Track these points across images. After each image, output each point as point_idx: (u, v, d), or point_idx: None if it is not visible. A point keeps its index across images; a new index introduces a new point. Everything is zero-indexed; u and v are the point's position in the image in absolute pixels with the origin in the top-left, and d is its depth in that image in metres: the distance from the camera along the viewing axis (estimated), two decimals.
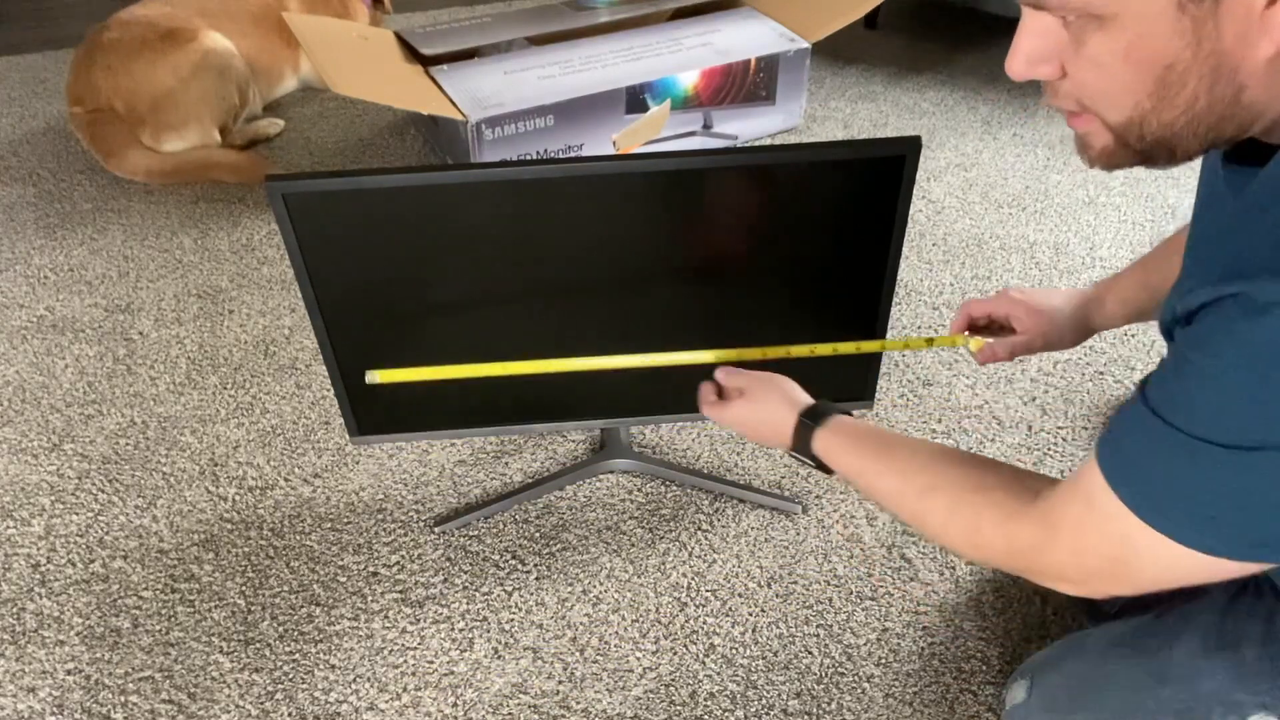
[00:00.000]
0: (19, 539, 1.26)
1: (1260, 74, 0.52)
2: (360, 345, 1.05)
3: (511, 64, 2.02)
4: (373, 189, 0.93)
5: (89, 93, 2.02)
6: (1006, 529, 0.68)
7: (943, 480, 0.74)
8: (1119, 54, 0.54)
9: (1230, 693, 0.76)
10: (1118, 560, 0.61)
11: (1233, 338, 0.51)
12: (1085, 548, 0.63)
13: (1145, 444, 0.57)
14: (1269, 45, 0.51)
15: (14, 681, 1.09)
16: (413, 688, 1.08)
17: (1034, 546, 0.66)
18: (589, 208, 0.97)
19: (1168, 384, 0.56)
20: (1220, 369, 0.52)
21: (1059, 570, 0.66)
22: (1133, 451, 0.58)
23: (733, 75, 2.05)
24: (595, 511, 1.28)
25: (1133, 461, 0.58)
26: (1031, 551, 0.66)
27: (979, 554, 0.71)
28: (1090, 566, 0.63)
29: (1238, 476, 0.53)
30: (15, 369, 1.55)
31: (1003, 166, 2.06)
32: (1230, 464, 0.53)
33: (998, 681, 1.07)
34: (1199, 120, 0.55)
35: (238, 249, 1.85)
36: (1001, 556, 0.69)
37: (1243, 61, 0.52)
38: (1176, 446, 0.55)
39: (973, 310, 1.06)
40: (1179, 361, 0.55)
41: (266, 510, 1.30)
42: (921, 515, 0.75)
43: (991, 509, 0.69)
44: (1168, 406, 0.55)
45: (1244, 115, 0.55)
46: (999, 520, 0.68)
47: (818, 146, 0.95)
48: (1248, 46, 0.51)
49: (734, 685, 1.07)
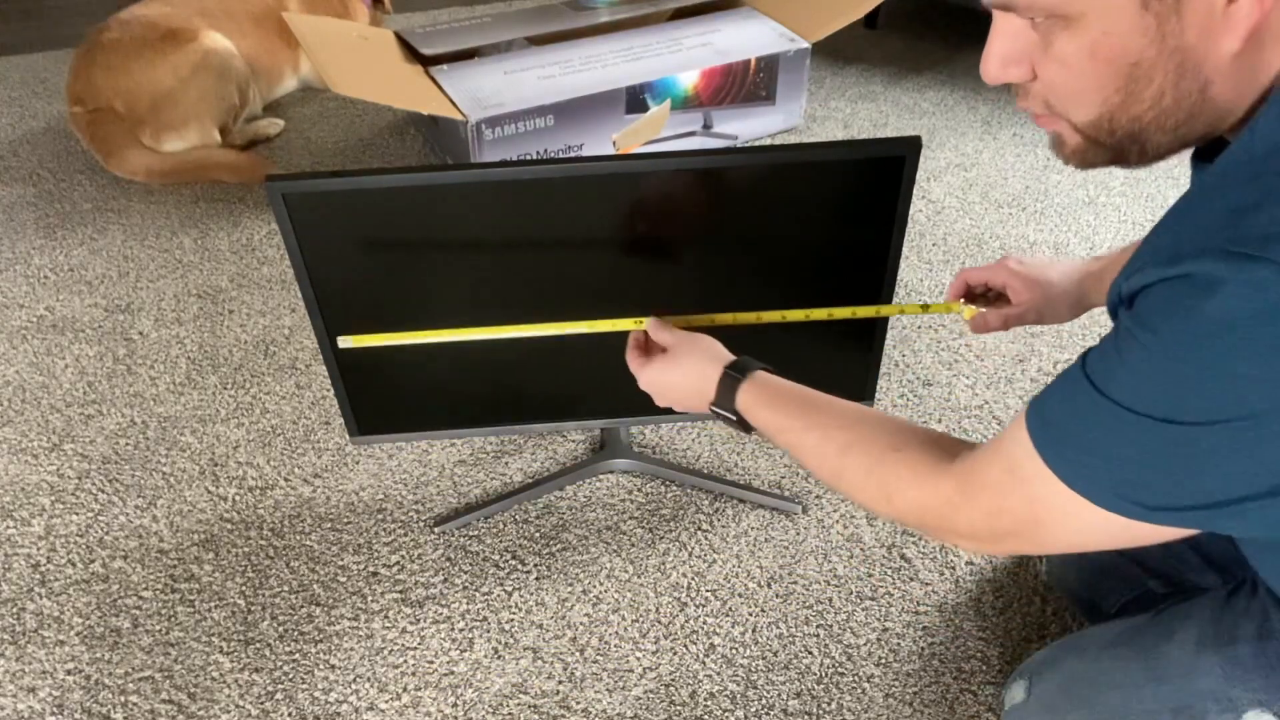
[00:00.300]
0: (19, 539, 1.26)
1: (1225, 69, 0.53)
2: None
3: (511, 64, 2.02)
4: (373, 189, 0.93)
5: (89, 92, 2.02)
6: (922, 487, 0.69)
7: (862, 438, 0.74)
8: (1085, 52, 0.55)
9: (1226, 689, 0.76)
10: (1033, 522, 0.62)
11: (1173, 316, 0.52)
12: (1002, 509, 0.64)
13: (1077, 412, 0.58)
14: (1232, 41, 0.52)
15: (14, 681, 1.09)
16: (413, 688, 1.08)
17: (949, 505, 0.67)
18: (589, 208, 0.97)
19: (1108, 357, 0.57)
20: (1159, 345, 0.53)
21: (970, 529, 0.67)
22: (1064, 418, 0.59)
23: (733, 75, 2.05)
24: (595, 511, 1.28)
25: (1063, 428, 0.59)
26: (947, 510, 0.67)
27: (892, 510, 0.72)
28: (1003, 527, 0.64)
29: (1167, 448, 0.54)
30: (15, 369, 1.55)
31: (1003, 166, 2.06)
32: (1161, 436, 0.54)
33: (998, 681, 1.07)
34: (1167, 115, 0.56)
35: (238, 249, 1.85)
36: (914, 514, 0.70)
37: (1207, 57, 0.53)
38: (1109, 416, 0.55)
39: (970, 278, 1.05)
40: (1120, 336, 0.56)
41: (266, 510, 1.30)
42: (839, 472, 0.75)
43: (909, 467, 0.70)
44: (1104, 377, 0.56)
45: (1211, 111, 0.56)
46: (915, 478, 0.69)
47: (818, 146, 0.95)
48: (1211, 43, 0.52)
49: (734, 685, 1.07)
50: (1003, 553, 0.68)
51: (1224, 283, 0.49)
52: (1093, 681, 0.87)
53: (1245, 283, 0.48)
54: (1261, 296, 0.48)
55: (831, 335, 1.11)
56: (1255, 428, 0.51)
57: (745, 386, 0.83)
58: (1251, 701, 0.75)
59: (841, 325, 1.09)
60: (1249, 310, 0.49)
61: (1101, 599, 1.03)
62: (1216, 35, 0.52)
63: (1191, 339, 0.51)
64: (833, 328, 1.09)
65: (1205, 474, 0.54)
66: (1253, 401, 0.50)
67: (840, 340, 1.11)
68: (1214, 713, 0.77)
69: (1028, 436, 0.61)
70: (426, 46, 2.04)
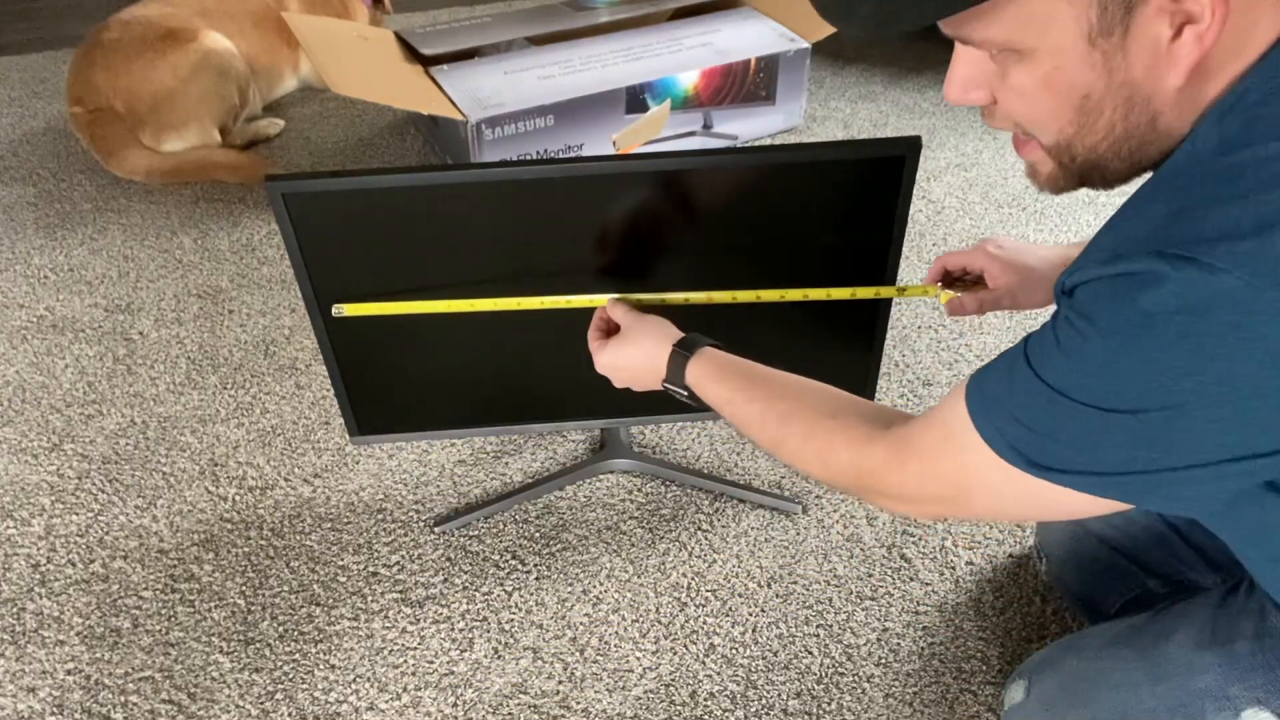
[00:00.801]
0: (19, 539, 1.26)
1: (1171, 101, 0.57)
2: (360, 345, 1.05)
3: (511, 64, 2.02)
4: (373, 189, 0.93)
5: (89, 93, 2.02)
6: (857, 450, 0.73)
7: (802, 407, 0.78)
8: (1039, 84, 0.59)
9: (1224, 688, 0.76)
10: (962, 488, 0.66)
11: (1109, 307, 0.55)
12: (933, 474, 0.68)
13: (1014, 390, 0.61)
14: (1176, 76, 0.55)
15: (14, 681, 1.09)
16: (413, 688, 1.08)
17: (883, 467, 0.71)
18: (589, 208, 0.97)
19: (1045, 341, 0.60)
20: (1094, 333, 0.56)
21: (901, 490, 0.71)
22: (1001, 395, 0.62)
23: (733, 75, 2.05)
24: (595, 511, 1.28)
25: (998, 402, 0.62)
26: (880, 471, 0.71)
27: (829, 474, 0.76)
28: (931, 491, 0.69)
29: (1092, 430, 0.57)
30: (15, 369, 1.55)
31: (1003, 166, 2.06)
32: (1086, 418, 0.57)
33: (998, 681, 1.07)
34: (1120, 144, 0.60)
35: (238, 249, 1.85)
36: (849, 478, 0.74)
37: (1154, 91, 0.56)
38: (1040, 396, 0.59)
39: (948, 262, 1.05)
40: (1059, 323, 0.59)
41: (266, 510, 1.30)
42: (781, 440, 0.79)
43: (845, 432, 0.74)
44: (1040, 360, 0.60)
45: (1163, 140, 0.59)
46: (851, 442, 0.73)
47: (818, 146, 0.95)
48: (1157, 78, 0.55)
49: (734, 685, 1.07)
50: (929, 516, 0.73)
51: (1158, 279, 0.52)
52: (1091, 681, 0.87)
53: (1176, 280, 0.51)
54: (1189, 293, 0.51)
55: (831, 335, 1.11)
56: (1175, 418, 0.54)
57: (694, 362, 0.87)
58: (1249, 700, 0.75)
59: (841, 325, 1.09)
60: (1176, 305, 0.51)
61: (1101, 599, 1.03)
62: (1161, 71, 0.55)
63: (1123, 329, 0.54)
64: (834, 328, 1.09)
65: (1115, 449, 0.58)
66: (1174, 393, 0.53)
67: (840, 340, 1.11)
68: (1212, 711, 0.77)
69: (965, 408, 0.64)
70: (426, 46, 2.04)
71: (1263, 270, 0.49)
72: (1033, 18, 0.55)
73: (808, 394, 0.80)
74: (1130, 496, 0.60)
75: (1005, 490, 0.64)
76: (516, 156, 1.91)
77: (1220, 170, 0.53)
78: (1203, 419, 0.54)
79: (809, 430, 0.77)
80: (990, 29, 0.57)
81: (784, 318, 1.08)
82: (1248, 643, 0.76)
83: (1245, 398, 0.52)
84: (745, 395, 0.83)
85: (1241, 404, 0.52)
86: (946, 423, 0.66)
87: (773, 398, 0.81)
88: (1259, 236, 0.49)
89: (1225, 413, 0.53)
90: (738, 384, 0.84)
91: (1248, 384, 0.52)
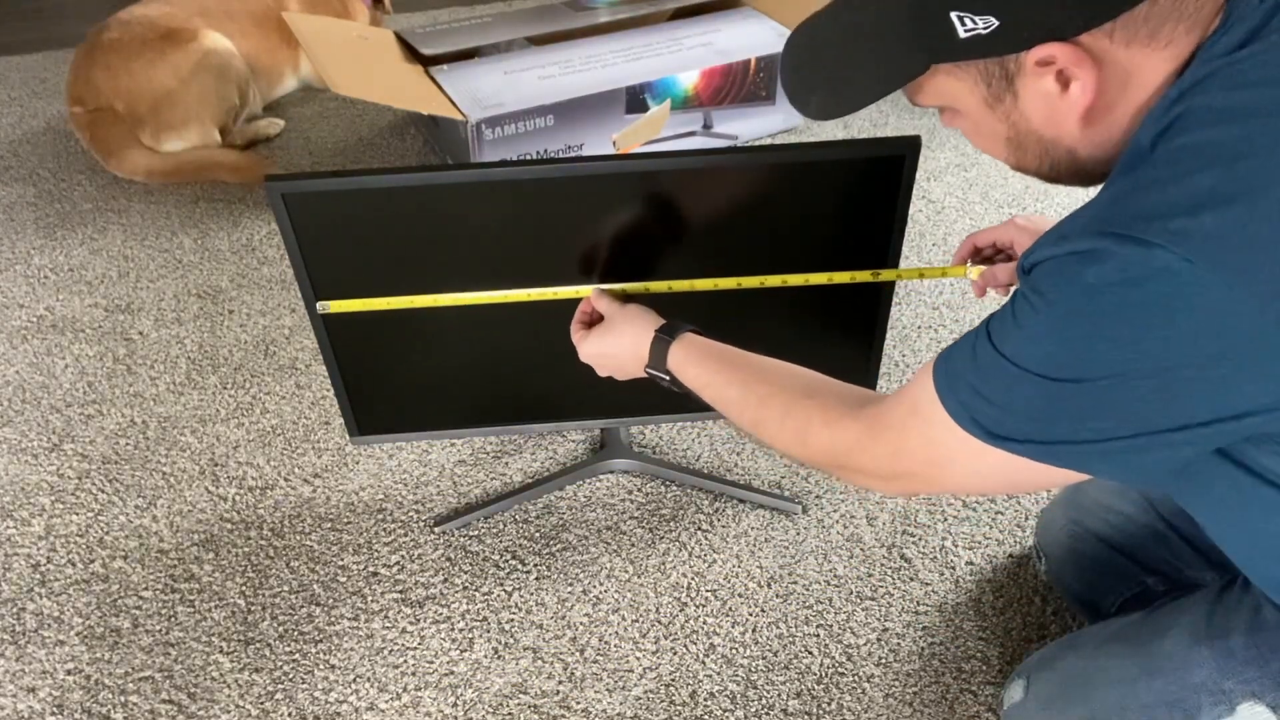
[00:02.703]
0: (19, 539, 1.26)
1: (1081, 139, 0.64)
2: (360, 345, 1.05)
3: (511, 64, 2.02)
4: (373, 189, 0.93)
5: (89, 93, 2.01)
6: (833, 429, 0.75)
7: (779, 388, 0.81)
8: (972, 131, 0.70)
9: (1219, 682, 0.77)
10: (931, 463, 0.69)
11: (1059, 283, 0.59)
12: (903, 450, 0.70)
13: (977, 365, 0.64)
14: (1073, 122, 0.62)
15: (14, 681, 1.09)
16: (413, 688, 1.08)
17: (857, 444, 0.73)
18: (589, 208, 0.97)
19: (1005, 318, 0.63)
20: (1046, 308, 0.59)
21: (874, 467, 0.73)
22: (964, 370, 0.65)
23: (733, 75, 2.05)
24: (595, 511, 1.28)
25: (961, 377, 0.65)
26: (855, 449, 0.74)
27: (806, 453, 0.78)
28: (903, 467, 0.71)
29: (1048, 400, 0.61)
30: (15, 369, 1.55)
31: (1003, 167, 2.05)
32: (1035, 387, 0.60)
33: (998, 681, 1.07)
34: (1056, 170, 0.68)
35: (238, 249, 1.85)
36: (825, 456, 0.77)
37: (1060, 134, 0.64)
38: (997, 368, 0.62)
39: (978, 240, 1.06)
40: (1017, 300, 0.62)
41: (266, 510, 1.30)
42: (759, 421, 0.81)
43: (821, 411, 0.77)
44: (1000, 335, 0.63)
45: (1092, 165, 0.66)
46: (827, 421, 0.76)
47: (818, 146, 0.95)
48: (1058, 123, 0.63)
49: (734, 685, 1.07)
50: (903, 492, 0.75)
51: (1101, 255, 0.56)
52: (1089, 678, 0.87)
53: (1118, 256, 0.55)
54: (1128, 268, 0.54)
55: (832, 334, 1.11)
56: (1115, 387, 0.57)
57: (675, 347, 0.89)
58: (1245, 694, 0.75)
59: (842, 325, 1.09)
60: (1117, 278, 0.55)
61: (1100, 598, 1.03)
62: (1060, 118, 0.63)
63: (1069, 301, 0.58)
64: (834, 328, 1.09)
65: (1064, 419, 0.61)
66: (1114, 362, 0.57)
67: (840, 340, 1.11)
68: (1208, 706, 0.77)
69: (932, 383, 0.67)
70: (426, 46, 2.04)
71: (1194, 246, 0.52)
72: (942, 93, 0.66)
73: (786, 376, 0.82)
74: (1084, 465, 0.63)
75: (971, 464, 0.66)
76: (516, 156, 1.91)
77: (1156, 158, 0.57)
78: (1143, 388, 0.57)
79: (786, 410, 0.79)
80: (924, 98, 0.68)
81: (783, 316, 1.08)
82: (1242, 637, 0.77)
83: (1181, 366, 0.55)
84: (724, 378, 0.85)
85: (1178, 373, 0.55)
86: (914, 399, 0.69)
87: (751, 380, 0.83)
88: (1191, 215, 0.53)
89: (1163, 381, 0.56)
90: (717, 367, 0.85)
91: (1182, 354, 0.55)
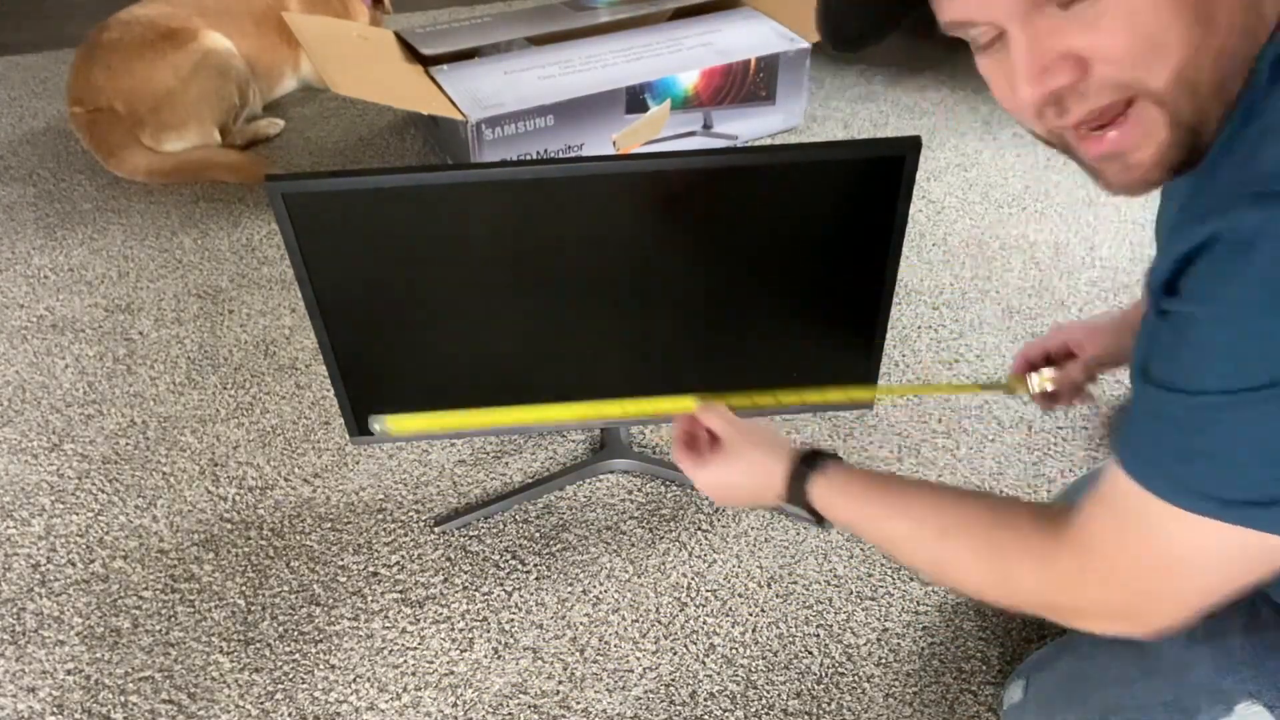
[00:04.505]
0: (19, 539, 1.26)
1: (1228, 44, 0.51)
2: (360, 345, 1.05)
3: (511, 64, 2.02)
4: (373, 189, 0.93)
5: (89, 93, 2.01)
6: (1040, 562, 0.63)
7: (960, 519, 0.69)
8: None
9: (1217, 682, 0.77)
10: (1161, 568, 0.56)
11: (1222, 283, 0.49)
12: (1124, 562, 0.58)
13: (1160, 422, 0.54)
14: None
15: (14, 681, 1.09)
16: (413, 688, 1.08)
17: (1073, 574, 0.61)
18: (589, 208, 0.97)
19: (1164, 352, 0.54)
20: (1216, 313, 0.50)
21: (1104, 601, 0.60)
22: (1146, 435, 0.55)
23: (733, 75, 2.05)
24: (595, 511, 1.28)
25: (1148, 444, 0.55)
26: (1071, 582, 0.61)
27: (1009, 593, 0.66)
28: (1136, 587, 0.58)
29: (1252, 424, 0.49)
30: (15, 369, 1.55)
31: (1003, 166, 2.06)
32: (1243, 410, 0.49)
33: (998, 681, 1.07)
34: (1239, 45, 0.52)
35: (238, 249, 1.85)
36: (1035, 595, 0.64)
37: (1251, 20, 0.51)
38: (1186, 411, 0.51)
39: (1029, 353, 1.04)
40: (1173, 325, 0.53)
41: (266, 510, 1.30)
42: (942, 559, 0.71)
43: (1019, 542, 0.64)
44: (1170, 372, 0.53)
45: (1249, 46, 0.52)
46: (1029, 552, 0.64)
47: (818, 146, 0.95)
48: None
49: (734, 685, 1.07)
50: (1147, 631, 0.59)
51: (1256, 236, 0.46)
52: (1087, 678, 0.87)
53: (1274, 232, 0.46)
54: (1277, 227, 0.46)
55: (831, 335, 1.11)
56: None
57: (817, 479, 0.79)
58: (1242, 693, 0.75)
59: (842, 326, 1.09)
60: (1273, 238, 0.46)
61: None
62: None
63: (1245, 304, 0.48)
64: (834, 328, 1.09)
65: None
66: None
67: (840, 340, 1.11)
68: (1205, 705, 0.77)
69: (1124, 473, 0.56)
70: (426, 46, 2.04)
71: None
72: None
73: (960, 503, 0.71)
74: None
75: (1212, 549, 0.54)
76: (516, 156, 1.91)
77: None
78: None
79: (976, 546, 0.67)
80: None
81: (786, 318, 1.08)
82: (1239, 636, 0.76)
83: None
84: (885, 511, 0.75)
85: None
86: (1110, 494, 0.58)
87: (923, 513, 0.72)
88: None
89: None
90: (874, 498, 0.76)
91: None
